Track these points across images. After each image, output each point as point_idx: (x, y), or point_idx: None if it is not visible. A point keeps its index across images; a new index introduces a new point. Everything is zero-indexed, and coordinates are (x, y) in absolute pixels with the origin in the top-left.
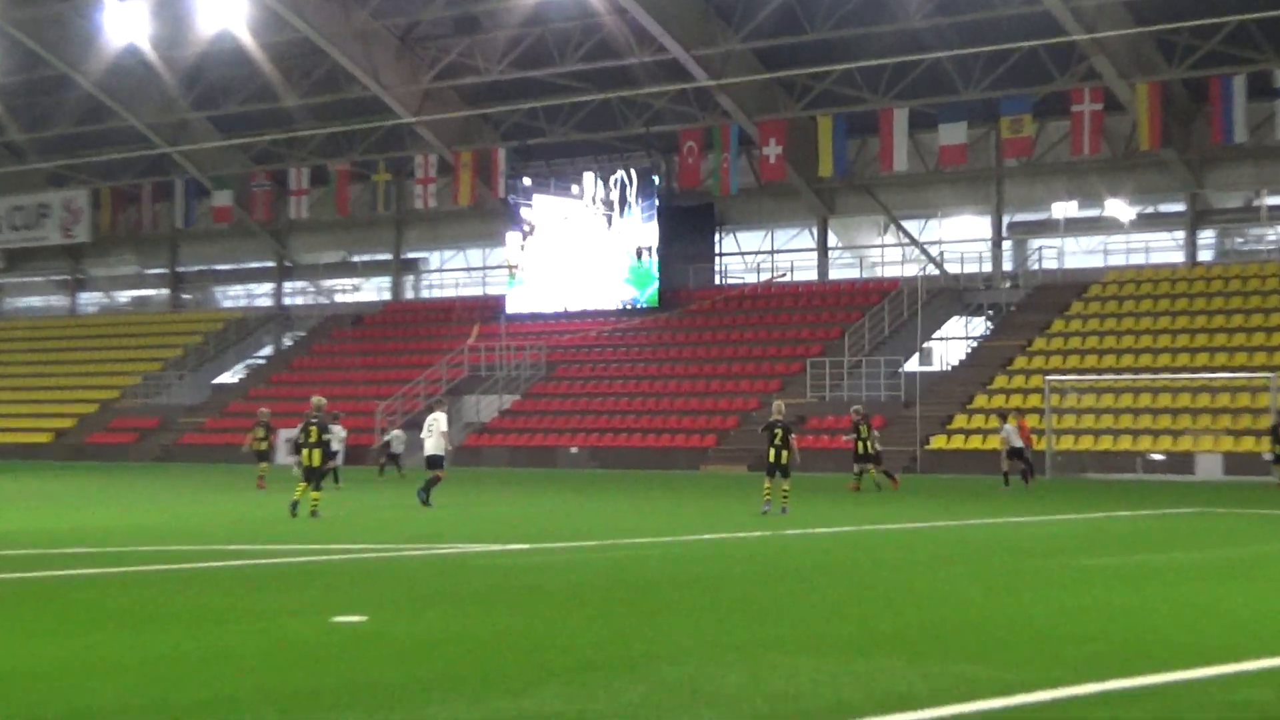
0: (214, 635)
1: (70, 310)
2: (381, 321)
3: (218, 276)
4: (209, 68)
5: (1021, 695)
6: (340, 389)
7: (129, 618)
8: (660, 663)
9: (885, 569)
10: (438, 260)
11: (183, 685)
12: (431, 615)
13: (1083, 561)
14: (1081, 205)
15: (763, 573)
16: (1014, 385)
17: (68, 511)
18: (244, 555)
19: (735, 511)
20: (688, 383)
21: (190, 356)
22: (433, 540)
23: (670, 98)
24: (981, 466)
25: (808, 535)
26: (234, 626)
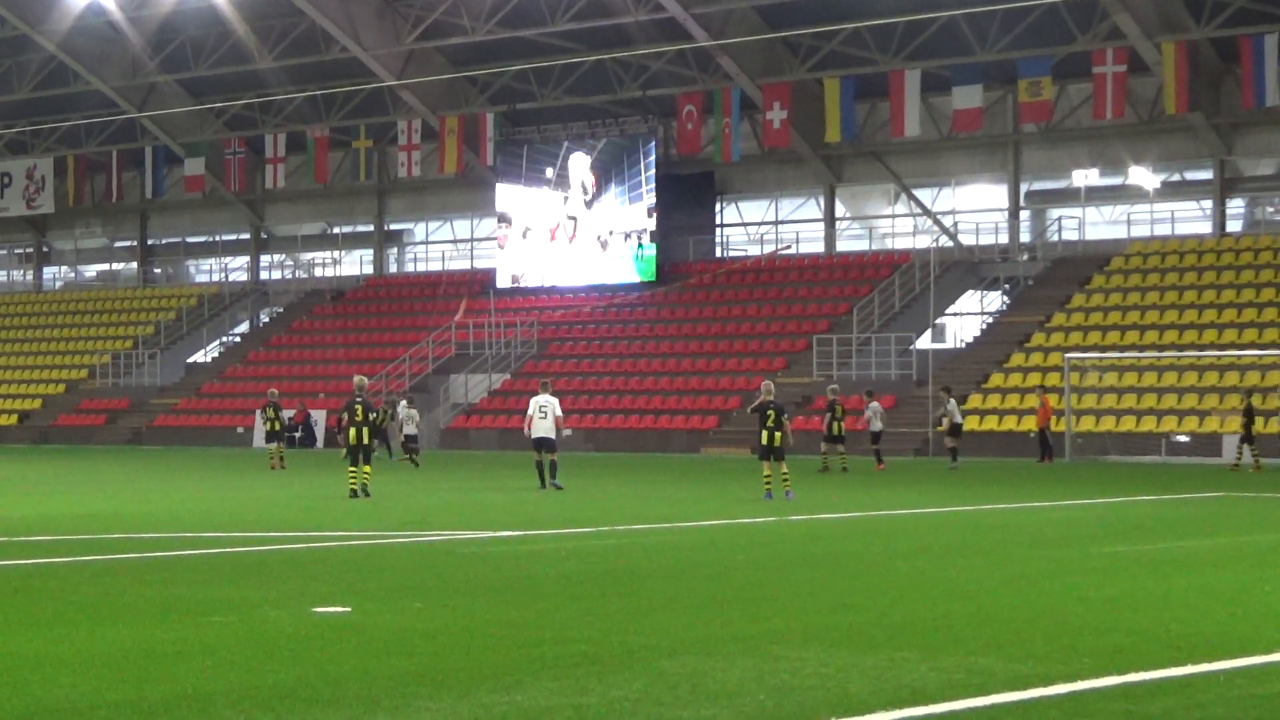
0: (190, 627)
1: (34, 286)
2: (364, 296)
3: (190, 249)
4: (178, 27)
5: (1038, 688)
6: (321, 368)
7: (100, 609)
8: (659, 656)
9: (896, 557)
10: (423, 231)
11: (158, 680)
12: (417, 605)
13: (1103, 549)
14: (1103, 173)
15: (766, 561)
16: (1031, 363)
17: (34, 498)
18: (221, 544)
19: (737, 497)
20: (687, 361)
21: (162, 334)
22: (419, 528)
23: (668, 59)
24: (999, 448)
25: (814, 521)
26: (211, 618)
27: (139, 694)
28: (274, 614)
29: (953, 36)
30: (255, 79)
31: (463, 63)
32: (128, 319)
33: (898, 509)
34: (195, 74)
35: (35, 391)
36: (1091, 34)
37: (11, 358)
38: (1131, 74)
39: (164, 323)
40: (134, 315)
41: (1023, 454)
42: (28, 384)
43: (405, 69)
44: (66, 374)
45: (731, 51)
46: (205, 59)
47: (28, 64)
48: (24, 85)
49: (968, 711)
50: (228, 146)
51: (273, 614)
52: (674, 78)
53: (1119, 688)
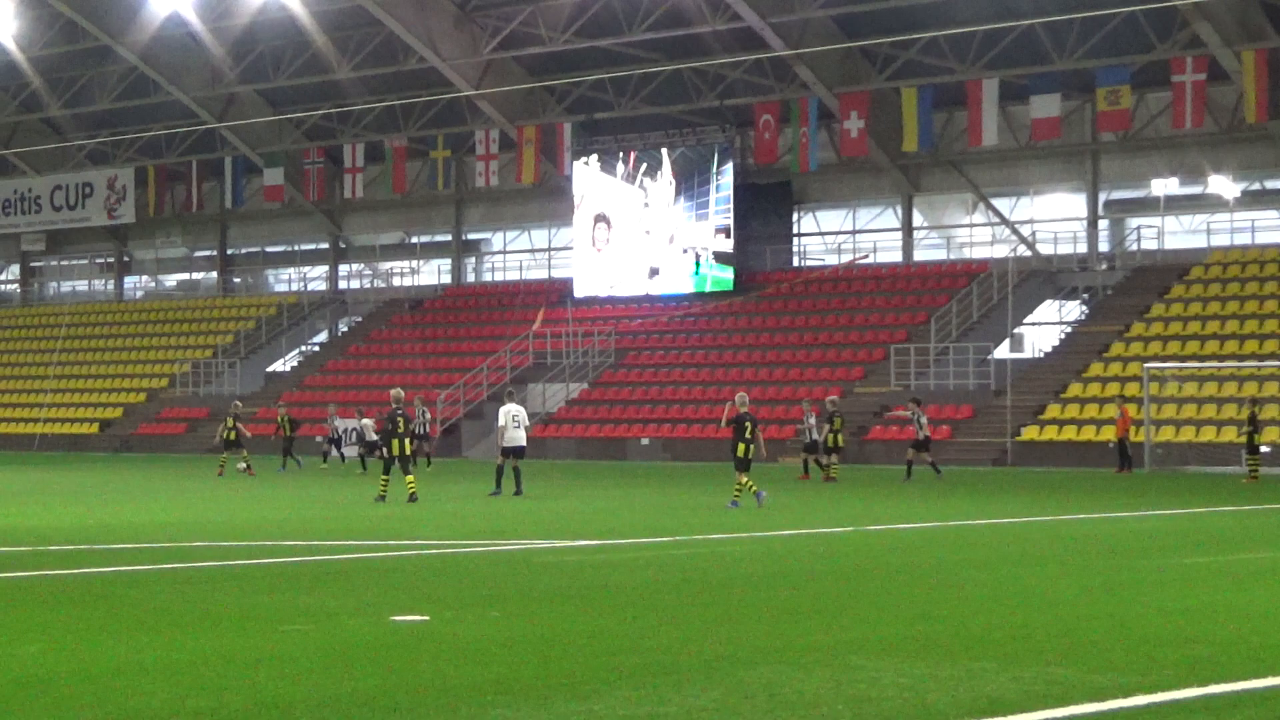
0: (269, 635)
1: (116, 295)
2: (441, 306)
3: (269, 259)
4: (258, 38)
5: (1117, 700)
6: (399, 377)
7: (181, 617)
8: (736, 665)
9: (974, 567)
10: (500, 241)
11: (238, 688)
12: (495, 614)
13: (1183, 559)
14: (1183, 182)
15: (844, 571)
16: (1110, 373)
17: (116, 506)
18: (300, 552)
19: (814, 506)
20: (764, 370)
21: (241, 343)
22: (496, 536)
23: (745, 68)
24: (1078, 459)
25: (892, 532)
26: (290, 626)
27: (219, 701)
28: (352, 622)
29: (1031, 45)
30: (334, 89)
31: (540, 72)
32: (208, 328)
33: (975, 519)
34: (274, 84)
35: (116, 400)
36: (1171, 42)
37: (93, 366)
38: (1211, 82)
39: (243, 332)
40: (214, 324)
41: (1101, 464)
42: (109, 393)
43: (483, 79)
44: (147, 383)
45: (809, 61)
46: (284, 69)
47: (109, 75)
48: (106, 96)
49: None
50: (307, 156)
51: (351, 622)
52: (751, 87)
53: (1199, 699)
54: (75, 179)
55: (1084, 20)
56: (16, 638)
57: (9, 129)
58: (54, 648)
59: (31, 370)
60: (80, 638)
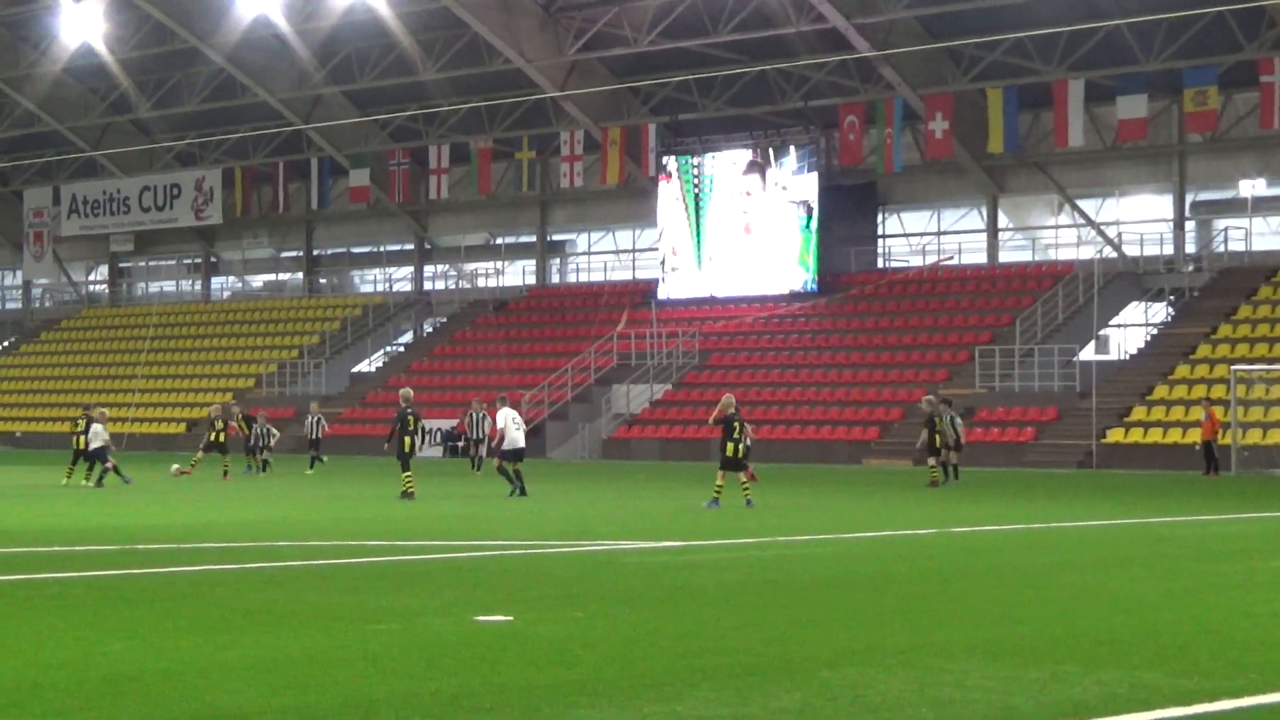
0: (354, 635)
1: (203, 296)
2: (526, 307)
3: (355, 260)
4: (344, 40)
5: (1202, 704)
6: (484, 378)
7: (267, 616)
8: (820, 666)
9: (1058, 570)
10: (585, 242)
11: (322, 687)
12: (579, 615)
13: (1270, 563)
14: (1270, 183)
15: (928, 573)
16: (1197, 375)
17: (202, 506)
18: (384, 552)
19: (898, 508)
20: (849, 372)
21: (327, 344)
22: (580, 537)
23: (830, 69)
24: (1163, 462)
25: (975, 534)
26: (374, 626)
27: (303, 700)
28: (436, 622)
29: (1117, 46)
30: (419, 90)
31: (624, 73)
32: (293, 329)
33: (1060, 522)
34: (360, 86)
35: (204, 400)
36: (1259, 42)
37: (180, 367)
38: None
39: (329, 332)
40: (299, 325)
41: (1188, 467)
42: (196, 393)
43: (568, 80)
44: (234, 383)
45: (893, 62)
46: (370, 71)
47: (197, 76)
48: (194, 97)
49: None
50: (392, 158)
51: (435, 622)
52: (835, 88)
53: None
54: (163, 180)
55: (1171, 21)
56: (104, 636)
57: (99, 130)
58: (141, 646)
59: (120, 370)
60: (167, 636)
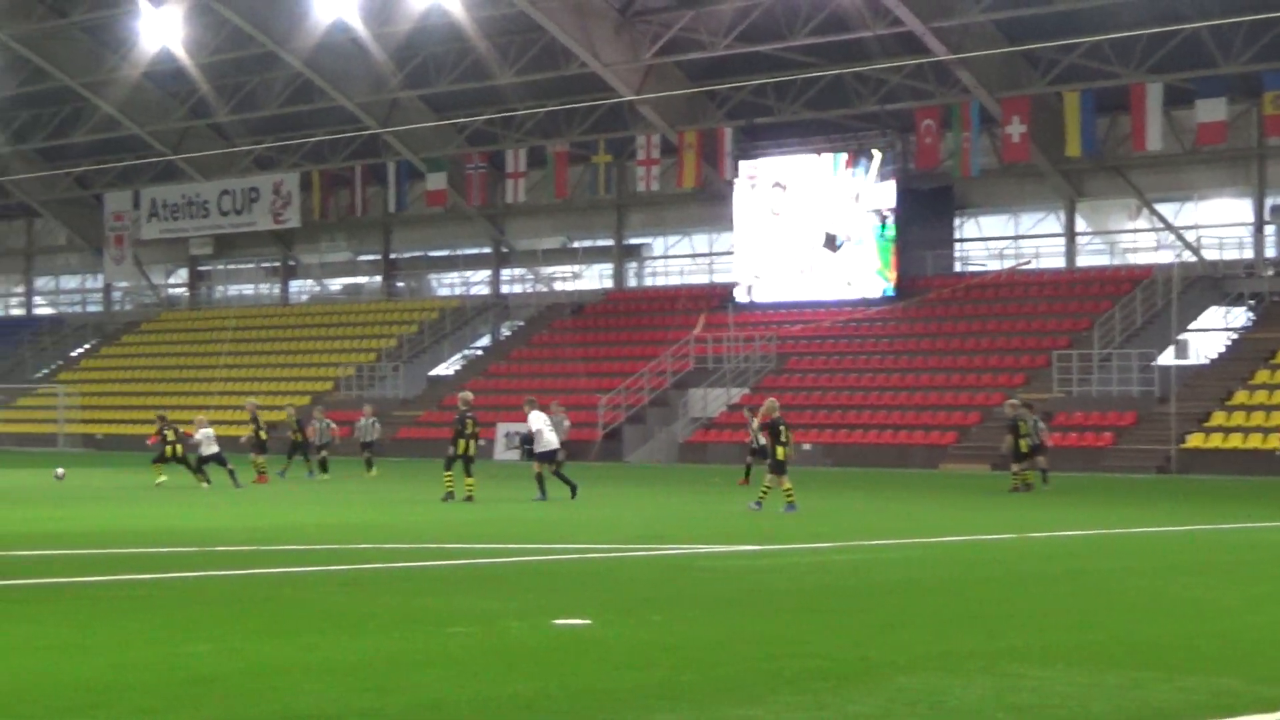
0: (433, 637)
1: (281, 299)
2: (603, 310)
3: (432, 263)
4: (420, 44)
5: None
6: (560, 381)
7: (345, 618)
8: (897, 671)
9: (1137, 575)
10: (661, 246)
11: (400, 689)
12: (657, 619)
13: None
14: None
15: (1006, 578)
16: (1277, 380)
17: (282, 508)
18: (462, 555)
19: (976, 513)
20: (926, 376)
21: (404, 347)
22: (658, 541)
23: (906, 73)
24: (1244, 467)
25: (1053, 539)
26: (453, 628)
27: (382, 702)
28: (515, 625)
29: (1196, 49)
30: (495, 94)
31: (701, 77)
32: (371, 331)
33: (1138, 527)
34: (437, 90)
35: (282, 403)
36: None
37: (259, 369)
38: None
39: (406, 336)
40: (377, 328)
41: (1268, 472)
42: (274, 395)
43: (644, 84)
44: (312, 385)
45: (970, 65)
46: (446, 75)
47: (275, 81)
48: (272, 102)
49: None
50: (469, 161)
51: (514, 625)
52: (912, 92)
53: None
54: (242, 184)
55: (1251, 23)
56: (186, 637)
57: (178, 134)
58: (222, 648)
59: (199, 373)
60: (247, 638)
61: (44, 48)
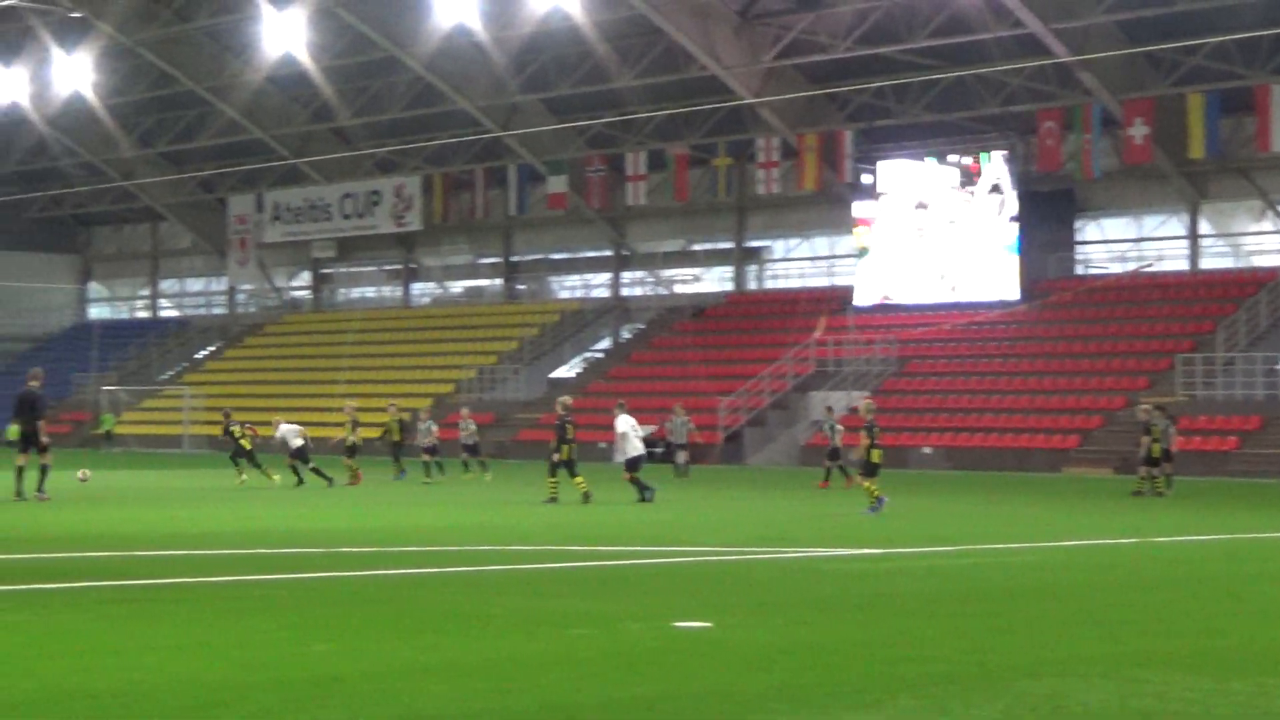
0: (554, 639)
1: (403, 301)
2: (724, 313)
3: (553, 266)
4: (540, 48)
5: None
6: (681, 384)
7: (467, 619)
8: (1019, 676)
9: (1262, 581)
10: (781, 249)
11: (522, 690)
12: (778, 622)
13: None
14: None
15: (1129, 582)
16: None
17: (403, 509)
18: (583, 557)
19: (1099, 517)
20: (1048, 379)
21: (525, 349)
22: (779, 543)
23: (1027, 75)
24: None
25: (1178, 543)
26: (574, 630)
27: (503, 704)
28: (635, 627)
29: None
30: (616, 97)
31: (821, 79)
32: (492, 334)
33: (1264, 532)
34: (557, 93)
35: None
36: None
37: (381, 372)
38: None
39: (527, 338)
40: (498, 331)
41: None
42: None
43: (764, 87)
44: (433, 388)
45: (1092, 67)
46: (567, 78)
47: (397, 85)
48: (393, 106)
49: None
50: (589, 164)
51: (634, 627)
52: (1033, 94)
53: None
54: (364, 187)
55: None
56: (309, 637)
57: (301, 138)
58: (344, 648)
59: (322, 375)
60: (369, 638)
61: (169, 53)
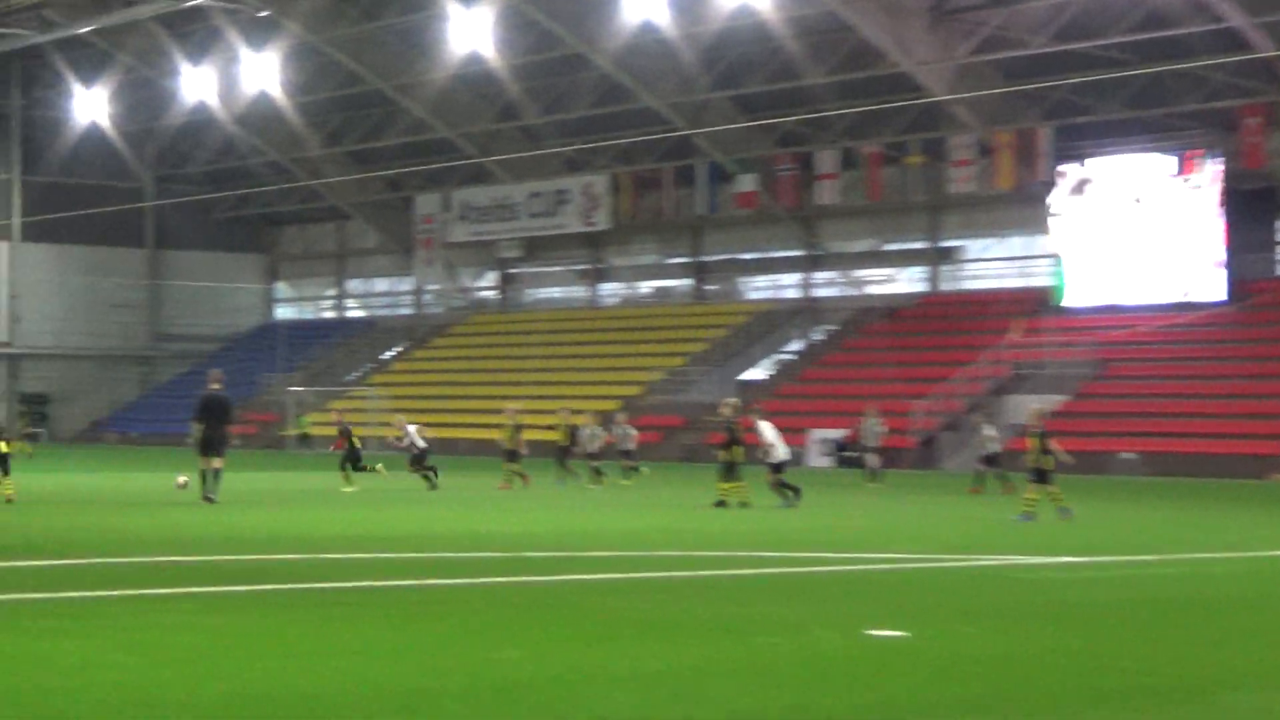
0: (741, 647)
1: (590, 302)
2: (917, 315)
3: (742, 266)
4: (729, 44)
5: None
6: (873, 387)
7: (653, 626)
8: (1222, 689)
9: None
10: (976, 248)
11: (710, 699)
12: (974, 631)
13: None
14: None
15: None
16: None
17: (591, 513)
18: (771, 563)
19: None
20: (1252, 383)
21: (715, 351)
22: (972, 550)
23: (1230, 70)
24: None
25: None
26: (763, 638)
27: (691, 713)
28: (826, 635)
29: None
30: (806, 94)
31: (1016, 76)
32: (681, 335)
33: None
34: (746, 90)
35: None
36: None
37: (570, 373)
38: None
39: (716, 340)
40: (687, 332)
41: None
42: (585, 399)
43: (957, 84)
44: (622, 390)
45: None
46: (756, 75)
47: (584, 82)
48: (580, 103)
49: None
50: (779, 163)
51: (825, 635)
52: (1236, 89)
53: None
54: (551, 186)
55: None
56: (495, 644)
57: (487, 136)
58: (531, 655)
59: (508, 376)
60: (556, 645)
61: (356, 51)
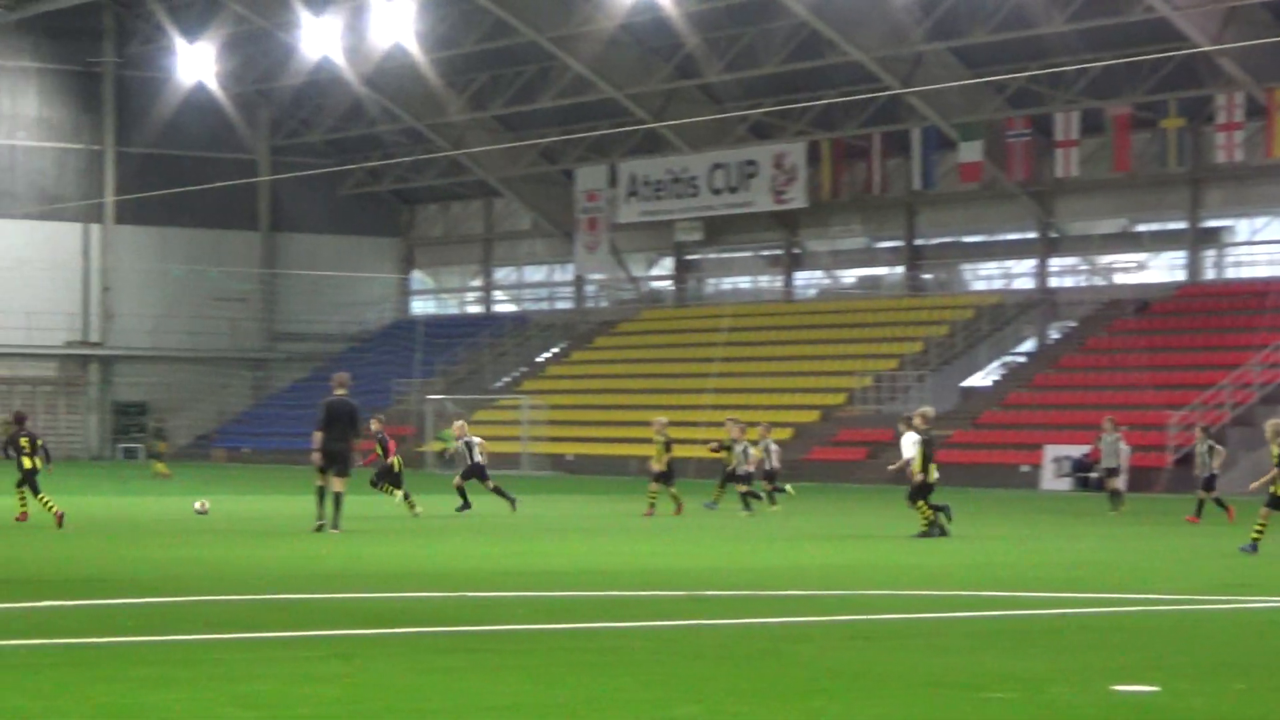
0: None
1: (784, 293)
2: (1174, 309)
3: (965, 251)
4: None
5: None
6: (1122, 394)
7: (858, 678)
8: None
9: None
10: (1246, 229)
11: None
12: (1238, 687)
13: None
14: None
15: None
16: None
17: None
18: (997, 605)
19: None
20: None
21: (932, 352)
22: (1241, 590)
23: None
24: None
25: None
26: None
27: None
28: (1066, 691)
29: None
30: (1042, 46)
31: None
32: (892, 333)
33: None
34: (970, 41)
35: (787, 418)
36: None
37: (759, 379)
38: None
39: (934, 339)
40: (899, 329)
41: None
42: (778, 409)
43: (1224, 32)
44: (822, 398)
45: None
46: (982, 23)
47: (775, 33)
48: (771, 58)
49: None
50: (1010, 127)
51: (1065, 691)
52: None
53: None
54: (736, 156)
55: None
56: (669, 698)
57: (661, 98)
58: (712, 711)
59: (685, 382)
60: (742, 699)
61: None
